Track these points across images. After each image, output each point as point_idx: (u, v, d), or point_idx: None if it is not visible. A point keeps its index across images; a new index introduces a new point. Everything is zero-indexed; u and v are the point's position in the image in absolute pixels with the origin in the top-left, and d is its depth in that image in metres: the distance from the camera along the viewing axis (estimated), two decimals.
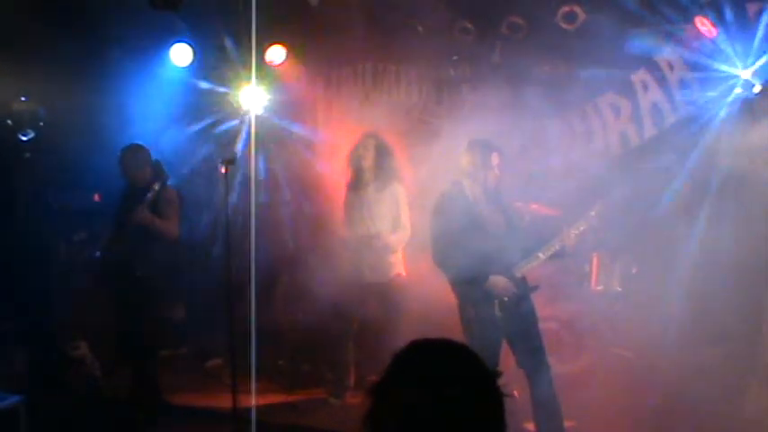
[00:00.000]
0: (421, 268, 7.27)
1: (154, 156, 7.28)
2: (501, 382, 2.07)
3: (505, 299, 5.91)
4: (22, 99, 8.58)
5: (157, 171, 7.12)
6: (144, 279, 6.92)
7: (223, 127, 9.14)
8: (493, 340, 5.91)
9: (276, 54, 8.87)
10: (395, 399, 2.01)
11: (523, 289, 6.03)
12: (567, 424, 6.04)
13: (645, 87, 7.58)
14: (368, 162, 7.24)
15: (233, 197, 7.63)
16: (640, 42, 7.39)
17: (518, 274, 5.97)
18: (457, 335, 6.01)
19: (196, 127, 9.13)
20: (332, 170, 8.19)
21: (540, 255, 5.96)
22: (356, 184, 7.36)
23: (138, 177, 7.08)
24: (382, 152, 7.25)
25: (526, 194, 7.33)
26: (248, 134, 9.15)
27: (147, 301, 7.02)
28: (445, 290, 6.44)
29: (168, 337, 8.69)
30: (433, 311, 6.96)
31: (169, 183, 7.16)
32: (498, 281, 5.88)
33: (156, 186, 6.95)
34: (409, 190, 7.39)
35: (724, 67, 7.07)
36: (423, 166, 8.05)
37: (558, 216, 7.09)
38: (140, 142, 7.25)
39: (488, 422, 2.01)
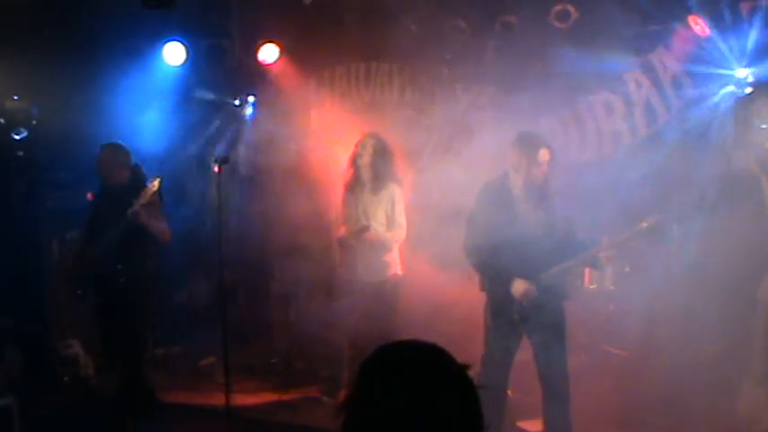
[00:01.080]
0: (418, 268, 7.28)
1: (146, 156, 7.21)
2: (471, 373, 2.06)
3: (524, 304, 5.72)
4: (15, 98, 8.56)
5: (137, 173, 6.85)
6: (128, 285, 6.64)
7: (216, 125, 9.14)
8: (507, 341, 5.82)
9: (269, 52, 8.87)
10: (368, 409, 2.01)
11: (551, 295, 5.79)
12: None
13: (638, 86, 7.59)
14: (365, 161, 7.20)
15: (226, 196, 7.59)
16: (634, 41, 7.40)
17: (545, 281, 5.74)
18: (453, 333, 6.00)
19: (189, 126, 9.12)
20: (325, 168, 8.19)
21: (573, 264, 5.80)
22: (354, 183, 7.31)
23: (116, 177, 6.79)
24: (380, 153, 7.18)
25: None
26: (241, 132, 9.17)
27: (132, 306, 6.72)
28: (442, 289, 6.43)
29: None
30: (431, 310, 6.97)
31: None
32: (520, 285, 5.70)
33: (154, 184, 6.58)
34: (402, 189, 7.38)
35: (717, 66, 7.08)
36: (415, 165, 8.07)
37: None
38: (120, 141, 6.97)
39: (463, 416, 2.01)
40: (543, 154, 5.76)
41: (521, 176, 5.78)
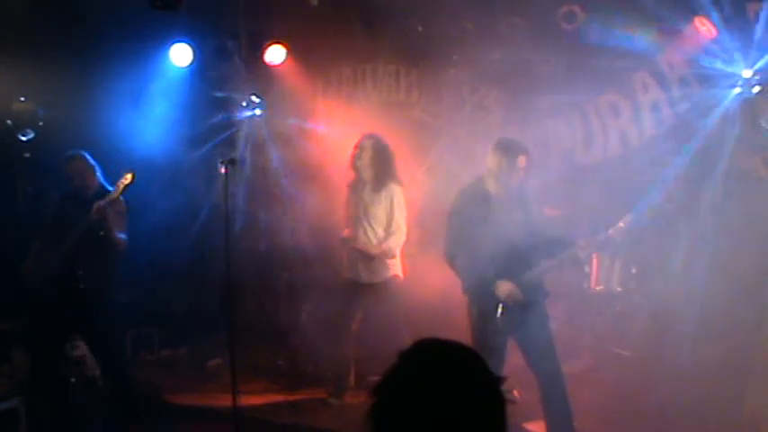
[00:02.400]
0: (418, 269, 7.27)
1: (152, 157, 7.20)
2: (504, 386, 2.08)
3: (509, 303, 5.79)
4: (22, 99, 8.57)
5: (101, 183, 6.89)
6: (87, 292, 6.63)
7: (223, 127, 9.14)
8: (495, 340, 5.85)
9: (276, 54, 8.87)
10: (397, 398, 2.01)
11: (534, 295, 5.88)
12: None
13: (645, 87, 7.58)
14: (365, 163, 7.23)
15: (233, 197, 7.59)
16: (640, 42, 7.38)
17: (528, 281, 5.83)
18: (454, 335, 5.98)
19: (196, 127, 9.12)
20: (331, 170, 8.19)
21: (554, 264, 5.86)
22: (355, 184, 7.37)
23: (91, 184, 6.85)
24: (380, 153, 7.22)
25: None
26: (248, 134, 9.17)
27: (90, 314, 6.71)
28: (443, 290, 6.42)
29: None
30: (431, 312, 6.96)
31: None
32: (504, 287, 5.77)
33: (126, 177, 6.58)
34: (408, 191, 7.38)
35: (723, 67, 7.07)
36: (422, 167, 8.06)
37: (556, 216, 7.07)
38: (81, 150, 7.01)
39: (489, 426, 2.02)
40: (521, 160, 5.89)
41: (500, 182, 5.91)
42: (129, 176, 6.62)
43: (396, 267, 7.26)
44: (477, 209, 5.88)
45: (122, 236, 6.81)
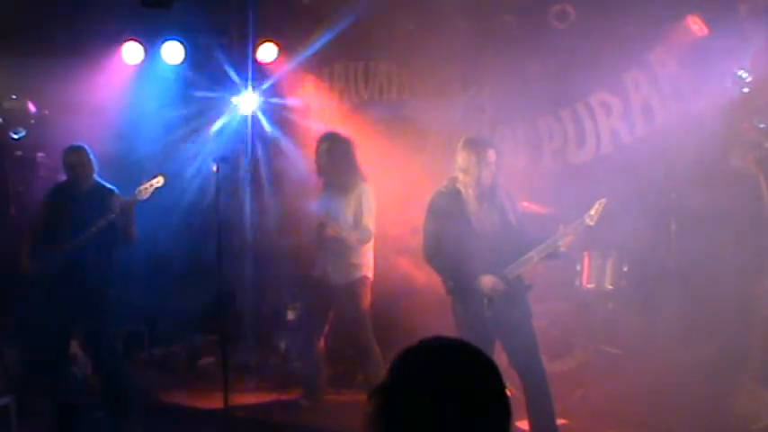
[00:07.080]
0: (390, 270, 7.28)
1: (145, 155, 7.19)
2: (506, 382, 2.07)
3: (494, 298, 5.83)
4: (13, 97, 8.56)
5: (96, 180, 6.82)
6: (92, 288, 6.62)
7: (215, 125, 9.13)
8: (482, 338, 5.85)
9: (268, 51, 8.86)
10: (401, 399, 1.99)
11: (516, 288, 5.93)
12: (558, 422, 6.04)
13: (636, 86, 7.59)
14: (324, 162, 7.15)
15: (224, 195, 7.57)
16: (632, 41, 7.39)
17: (510, 275, 5.88)
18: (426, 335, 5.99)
19: (188, 125, 9.12)
20: None
21: (534, 255, 5.87)
22: (321, 185, 7.28)
23: (91, 178, 6.75)
24: (341, 152, 7.13)
25: (517, 192, 7.31)
26: (239, 132, 9.16)
27: (94, 310, 6.69)
28: (414, 291, 6.44)
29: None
30: (404, 313, 6.98)
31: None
32: (487, 280, 5.81)
33: (159, 180, 6.66)
34: (399, 189, 7.36)
35: (715, 66, 7.08)
36: (413, 166, 8.05)
37: (549, 214, 7.06)
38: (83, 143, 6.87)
39: (496, 423, 2.00)
40: (491, 155, 5.92)
41: (471, 178, 5.92)
42: (161, 180, 6.69)
43: (365, 268, 7.15)
44: (452, 207, 5.93)
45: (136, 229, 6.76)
